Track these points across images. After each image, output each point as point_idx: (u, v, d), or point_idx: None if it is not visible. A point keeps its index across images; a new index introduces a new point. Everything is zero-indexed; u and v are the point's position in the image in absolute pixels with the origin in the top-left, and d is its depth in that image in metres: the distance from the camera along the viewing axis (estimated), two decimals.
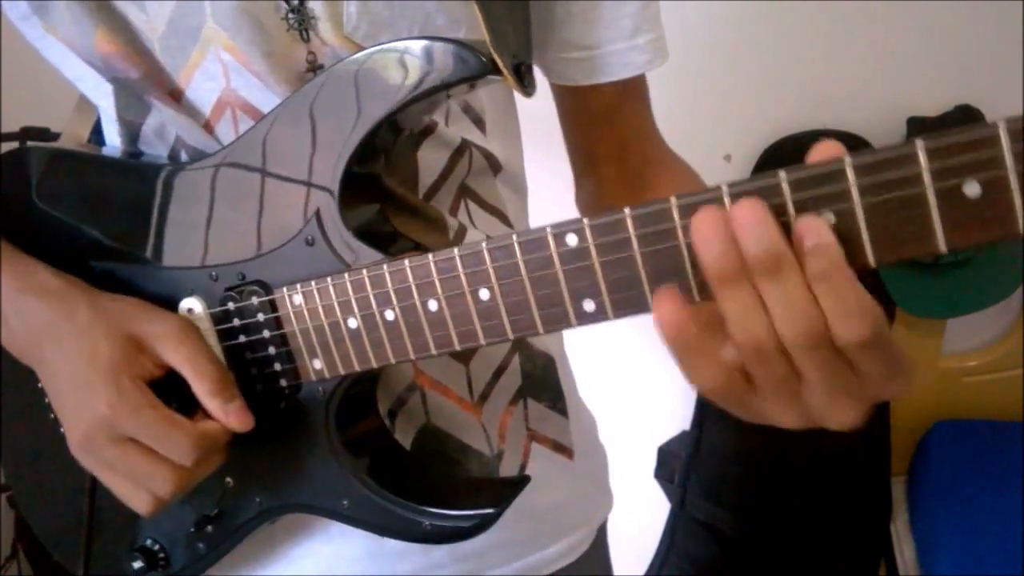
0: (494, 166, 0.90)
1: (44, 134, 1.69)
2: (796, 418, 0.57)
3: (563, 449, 0.96)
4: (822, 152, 0.51)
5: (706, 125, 1.99)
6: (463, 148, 0.85)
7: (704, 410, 2.01)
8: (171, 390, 0.74)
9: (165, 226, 0.80)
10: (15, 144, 0.96)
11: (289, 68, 0.76)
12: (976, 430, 1.94)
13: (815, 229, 0.50)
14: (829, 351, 0.53)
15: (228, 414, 0.74)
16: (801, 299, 0.51)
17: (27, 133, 1.73)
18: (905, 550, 1.90)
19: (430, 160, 0.83)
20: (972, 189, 0.46)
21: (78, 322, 0.75)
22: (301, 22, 0.75)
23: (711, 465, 2.01)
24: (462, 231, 0.85)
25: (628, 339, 2.20)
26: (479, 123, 0.88)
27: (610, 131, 0.97)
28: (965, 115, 1.82)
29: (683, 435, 2.06)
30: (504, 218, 0.91)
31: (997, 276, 1.83)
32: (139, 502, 0.75)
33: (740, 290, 0.53)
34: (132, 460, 0.73)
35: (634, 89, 0.94)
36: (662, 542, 2.08)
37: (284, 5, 0.75)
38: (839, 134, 1.88)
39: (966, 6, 1.80)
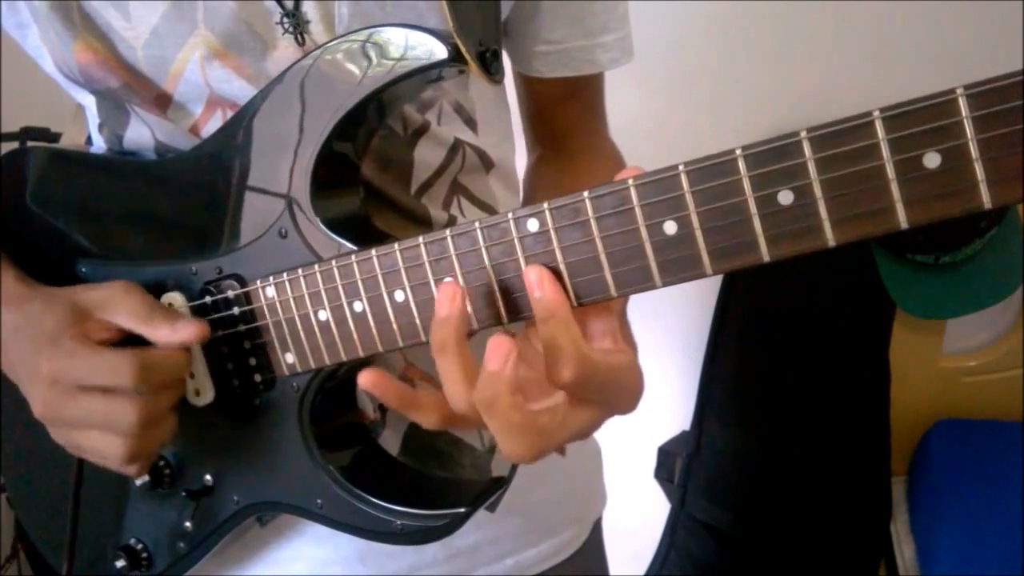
0: (487, 163, 0.90)
1: (44, 134, 1.70)
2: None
3: None
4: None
5: (707, 125, 1.99)
6: (456, 146, 0.85)
7: (704, 410, 2.01)
8: None
9: (148, 222, 0.80)
10: (15, 144, 0.97)
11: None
12: (976, 430, 1.92)
13: (539, 280, 0.56)
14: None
15: (179, 331, 0.73)
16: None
17: (27, 133, 1.73)
18: (905, 550, 1.89)
19: (426, 157, 0.83)
20: (932, 160, 0.45)
21: (32, 317, 0.75)
22: (296, 26, 0.75)
23: (711, 465, 2.01)
24: (452, 222, 0.85)
25: None
26: (471, 123, 0.88)
27: (551, 119, 0.99)
28: None
29: (683, 435, 2.05)
30: (495, 214, 0.90)
31: (997, 276, 1.82)
32: (115, 449, 0.73)
33: None
34: (88, 404, 0.72)
35: (585, 85, 0.95)
36: (662, 542, 2.07)
37: (279, 10, 0.75)
38: None
39: (966, 6, 1.79)
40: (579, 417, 0.60)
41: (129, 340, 0.74)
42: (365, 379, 0.61)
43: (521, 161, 1.01)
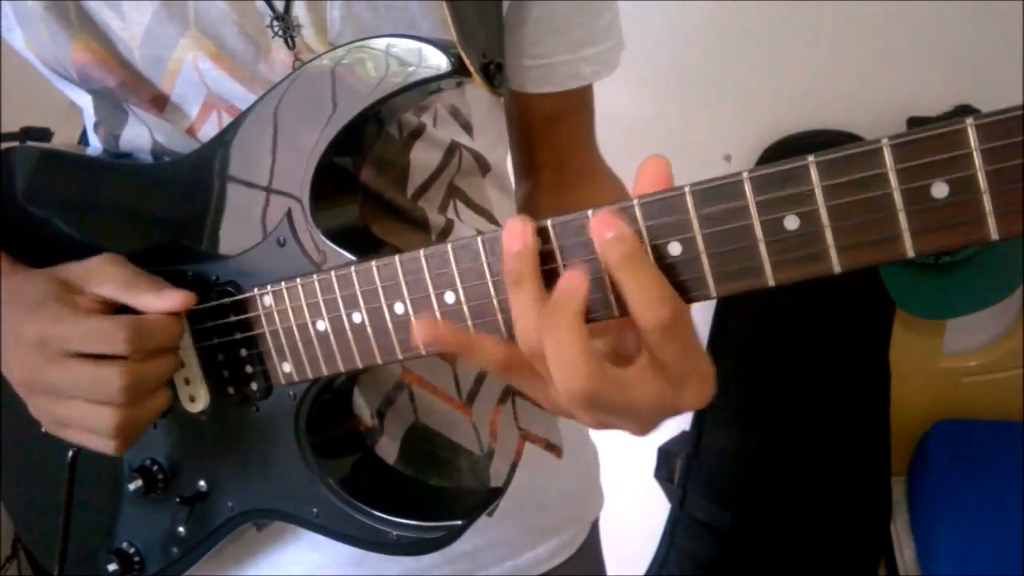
0: (483, 167, 0.90)
1: (44, 134, 1.68)
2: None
3: (553, 448, 0.96)
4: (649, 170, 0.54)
5: (706, 125, 1.98)
6: (453, 148, 0.85)
7: (704, 410, 2.00)
8: None
9: (143, 227, 0.79)
10: (15, 144, 0.97)
11: (276, 75, 0.76)
12: (976, 430, 1.93)
13: (610, 222, 0.52)
14: None
15: (165, 300, 0.73)
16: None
17: (27, 133, 1.72)
18: (905, 550, 1.89)
19: (422, 160, 0.83)
20: (940, 190, 0.45)
21: (12, 289, 0.75)
22: (286, 29, 0.75)
23: (711, 465, 2.01)
24: (449, 226, 0.84)
25: None
26: (467, 127, 0.87)
27: (551, 139, 0.98)
28: (965, 115, 1.81)
29: (683, 435, 2.05)
30: (491, 218, 0.91)
31: (997, 276, 1.82)
32: (102, 419, 0.71)
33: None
34: (74, 371, 0.71)
35: (578, 99, 0.95)
36: (662, 542, 2.07)
37: (268, 12, 0.75)
38: (839, 134, 1.88)
39: (966, 6, 1.79)
40: (647, 383, 0.55)
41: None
42: (422, 332, 0.60)
43: None
